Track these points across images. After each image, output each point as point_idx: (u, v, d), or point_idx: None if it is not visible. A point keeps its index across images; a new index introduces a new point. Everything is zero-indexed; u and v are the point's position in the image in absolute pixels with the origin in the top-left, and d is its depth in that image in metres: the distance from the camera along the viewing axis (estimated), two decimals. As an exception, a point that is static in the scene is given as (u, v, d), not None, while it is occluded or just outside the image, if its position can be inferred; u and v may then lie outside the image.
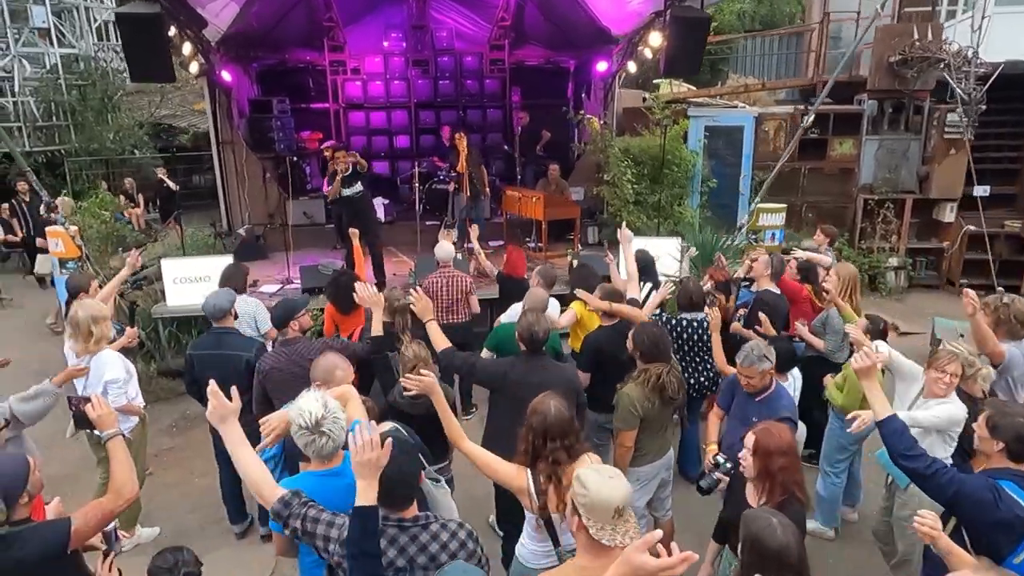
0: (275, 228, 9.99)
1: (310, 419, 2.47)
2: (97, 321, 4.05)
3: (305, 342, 4.02)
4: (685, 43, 7.34)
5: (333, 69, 11.48)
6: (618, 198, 9.18)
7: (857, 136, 10.42)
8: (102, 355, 4.13)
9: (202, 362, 4.19)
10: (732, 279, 5.98)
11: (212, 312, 4.19)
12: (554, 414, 2.65)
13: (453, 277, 5.85)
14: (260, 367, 3.90)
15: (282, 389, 3.88)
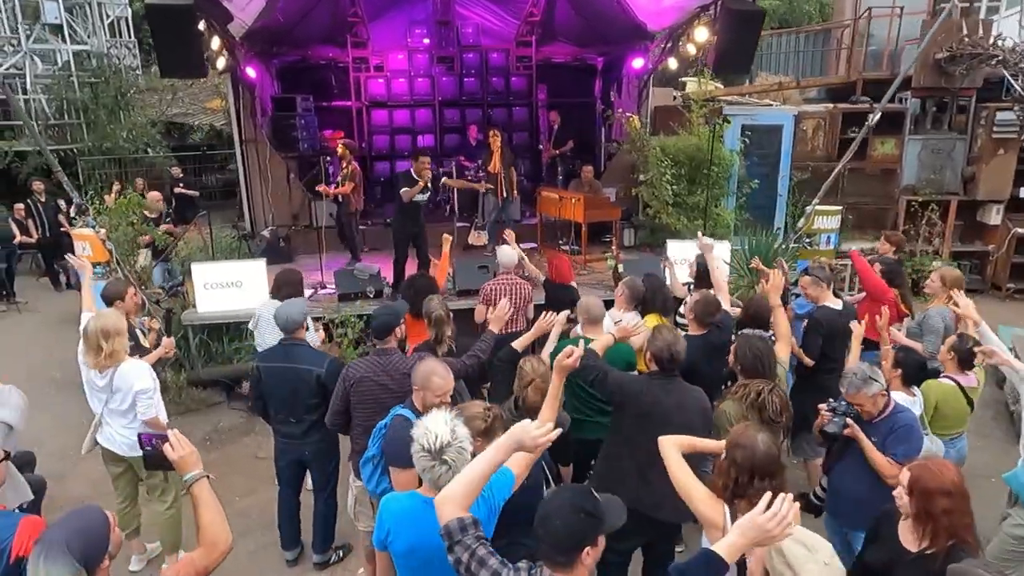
0: (299, 230, 9.70)
1: (435, 443, 2.19)
2: (108, 335, 3.72)
3: (400, 355, 3.71)
4: (738, 38, 7.05)
5: (356, 66, 11.15)
6: (657, 199, 8.86)
7: (899, 136, 10.09)
8: (125, 366, 3.80)
9: (271, 376, 3.89)
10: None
11: (285, 324, 3.88)
12: (763, 450, 2.34)
13: (516, 284, 5.55)
14: (348, 374, 3.59)
15: (367, 402, 3.60)
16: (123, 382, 3.80)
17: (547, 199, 8.74)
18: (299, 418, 3.91)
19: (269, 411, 4.02)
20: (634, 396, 3.26)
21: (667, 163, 8.77)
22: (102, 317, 3.77)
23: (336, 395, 3.61)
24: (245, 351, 6.71)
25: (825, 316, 4.57)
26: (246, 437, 6.15)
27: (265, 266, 6.86)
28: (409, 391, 3.73)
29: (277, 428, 4.03)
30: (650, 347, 3.33)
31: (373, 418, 3.52)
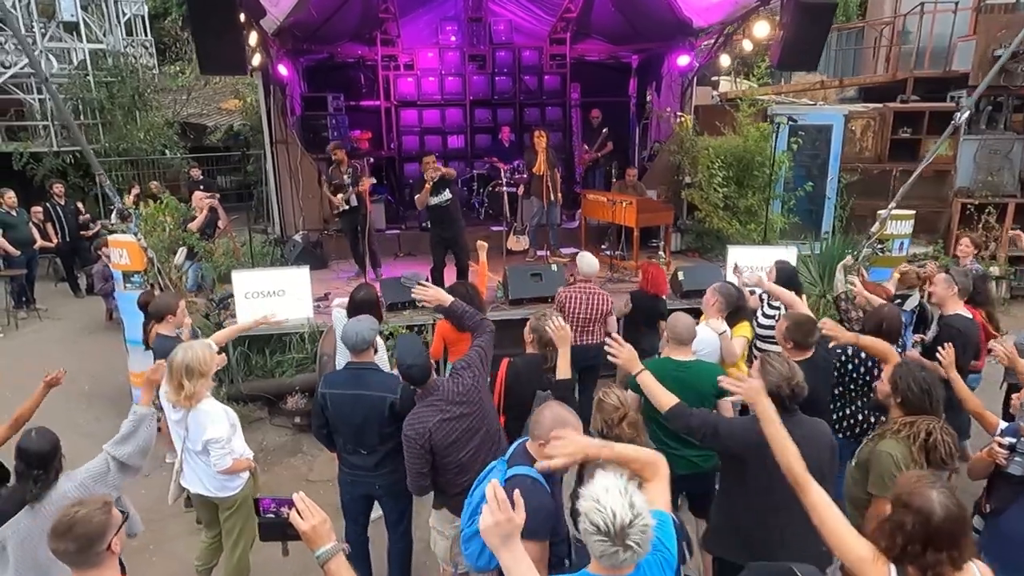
0: (330, 235, 9.32)
1: (613, 523, 1.78)
2: (192, 375, 3.38)
3: (446, 381, 3.30)
4: (806, 32, 6.66)
5: (384, 64, 10.78)
6: (707, 202, 8.47)
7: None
8: (201, 408, 3.46)
9: (337, 403, 3.49)
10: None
11: (355, 343, 3.48)
12: (942, 515, 1.92)
13: (594, 294, 5.19)
14: (418, 431, 3.15)
15: (452, 446, 3.20)
16: (196, 425, 3.45)
17: (593, 202, 8.35)
18: (370, 449, 3.52)
19: (336, 440, 3.63)
20: (755, 446, 2.78)
21: (718, 164, 8.39)
22: (191, 352, 3.39)
23: (413, 459, 3.18)
24: (288, 364, 6.34)
25: (958, 321, 4.20)
26: (294, 457, 5.76)
27: (309, 274, 6.50)
28: (488, 408, 3.38)
29: (345, 459, 3.64)
30: (767, 379, 2.93)
31: (462, 453, 3.20)
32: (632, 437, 3.01)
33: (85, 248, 10.06)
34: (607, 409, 3.10)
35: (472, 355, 3.40)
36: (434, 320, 6.50)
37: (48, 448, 2.78)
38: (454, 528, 3.36)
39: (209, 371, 3.46)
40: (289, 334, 6.39)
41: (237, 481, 3.68)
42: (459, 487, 3.26)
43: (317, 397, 3.54)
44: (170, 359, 3.43)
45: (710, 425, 2.98)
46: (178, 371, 3.38)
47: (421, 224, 9.81)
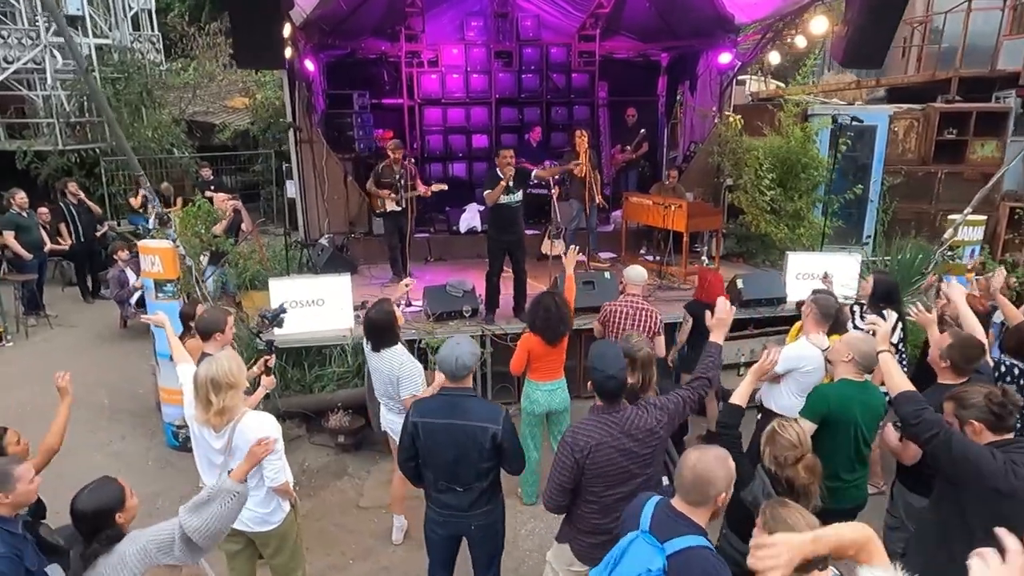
0: (358, 238, 8.91)
1: None
2: (219, 388, 2.95)
3: (633, 409, 2.93)
4: (874, 28, 6.29)
5: (408, 61, 10.34)
6: (755, 205, 8.12)
7: (1001, 137, 9.40)
8: (246, 421, 3.04)
9: (433, 435, 3.10)
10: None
11: (455, 370, 3.10)
12: None
13: (642, 309, 4.80)
14: (580, 442, 2.82)
15: (604, 478, 2.85)
16: (245, 440, 3.00)
17: (636, 205, 7.98)
18: (466, 486, 3.13)
19: (426, 476, 3.22)
20: (989, 475, 2.45)
21: (766, 166, 8.04)
22: (214, 364, 2.97)
23: (562, 469, 2.84)
24: (328, 379, 5.93)
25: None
26: (339, 480, 5.35)
27: (350, 282, 6.10)
28: (658, 459, 3.00)
29: (435, 498, 3.23)
30: (968, 412, 2.57)
31: (612, 491, 2.85)
32: (808, 483, 2.65)
33: (98, 251, 9.61)
34: (782, 445, 2.76)
35: (671, 399, 3.00)
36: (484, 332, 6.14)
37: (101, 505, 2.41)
38: (571, 572, 2.98)
39: (239, 383, 3.02)
40: (329, 346, 5.99)
41: (279, 513, 3.27)
42: (592, 527, 2.93)
43: (407, 426, 3.15)
44: (194, 376, 3.05)
45: (945, 432, 2.58)
46: (204, 387, 2.96)
47: (450, 227, 9.43)
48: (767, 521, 2.09)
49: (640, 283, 4.91)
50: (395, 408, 4.21)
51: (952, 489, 2.60)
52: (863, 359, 3.30)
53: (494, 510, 3.26)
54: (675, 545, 2.18)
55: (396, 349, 4.05)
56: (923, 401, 2.72)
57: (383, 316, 4.02)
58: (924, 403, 2.71)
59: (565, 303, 4.54)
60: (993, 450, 2.50)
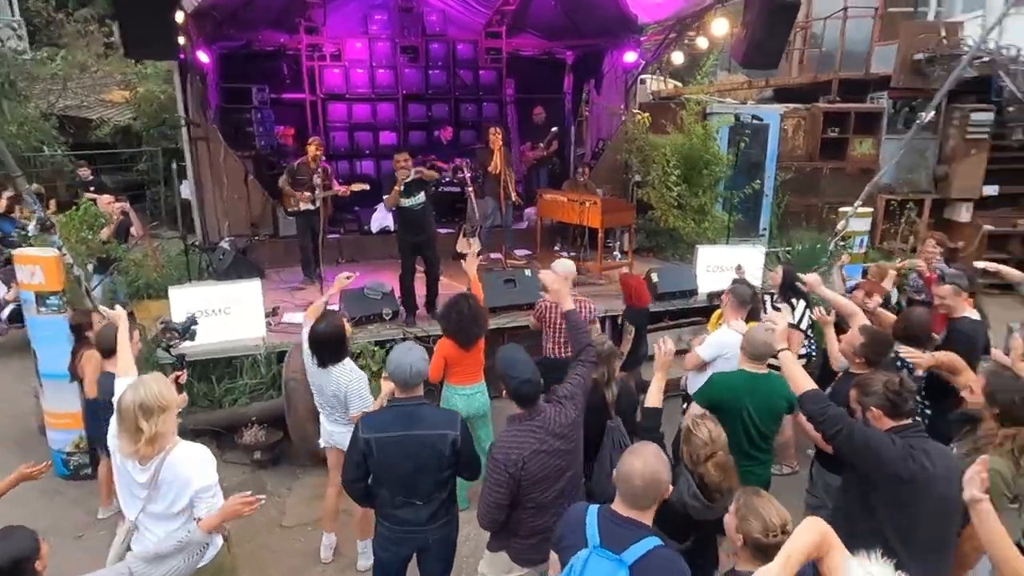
0: (262, 240, 8.44)
1: None
2: (150, 413, 2.63)
3: (551, 408, 2.89)
4: (770, 31, 6.65)
5: (309, 54, 9.91)
6: (664, 201, 8.38)
7: (876, 135, 10.21)
8: (178, 453, 2.72)
9: (388, 449, 2.92)
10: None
11: (409, 378, 2.95)
12: None
13: (576, 301, 4.81)
14: (511, 457, 2.73)
15: (541, 483, 2.80)
16: (175, 475, 2.69)
17: (551, 202, 8.03)
18: (426, 498, 2.99)
19: (380, 493, 3.03)
20: (889, 462, 2.59)
21: (673, 163, 8.31)
22: (141, 388, 2.65)
23: (496, 487, 2.76)
24: (240, 392, 5.56)
25: (966, 326, 4.18)
26: (258, 500, 5.01)
27: (261, 288, 5.75)
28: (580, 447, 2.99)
29: (390, 515, 3.05)
30: (868, 399, 2.72)
31: (547, 492, 2.82)
32: (719, 481, 2.70)
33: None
34: (695, 444, 2.79)
35: (575, 384, 3.00)
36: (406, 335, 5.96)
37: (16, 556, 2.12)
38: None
39: (171, 404, 2.73)
40: (239, 357, 5.61)
41: (211, 549, 2.96)
42: (529, 529, 2.88)
43: (357, 444, 2.94)
44: (118, 403, 2.71)
45: (847, 425, 2.69)
46: (131, 414, 2.63)
47: (362, 227, 9.13)
48: (740, 509, 2.13)
49: (570, 276, 4.93)
50: (342, 420, 3.98)
51: (857, 476, 2.73)
52: (753, 350, 3.42)
53: (451, 520, 3.15)
54: (635, 553, 2.17)
55: (345, 365, 3.84)
56: (825, 399, 2.84)
57: (333, 330, 3.77)
58: (826, 400, 2.83)
59: (479, 305, 4.46)
60: (893, 436, 2.64)
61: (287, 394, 5.08)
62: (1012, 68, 8.32)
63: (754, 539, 2.07)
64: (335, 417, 3.96)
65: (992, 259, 9.73)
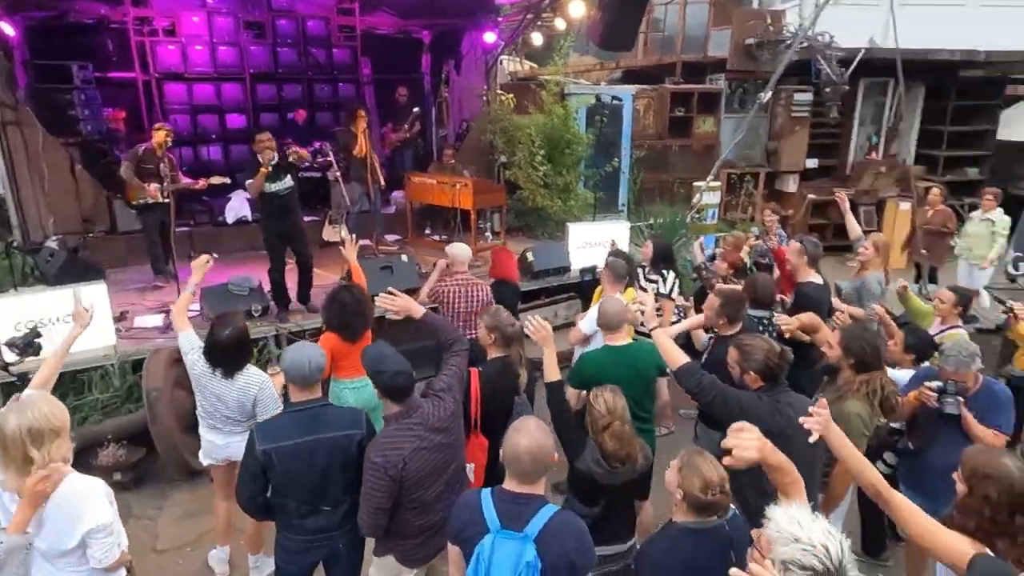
0: (97, 237, 7.56)
1: (830, 560, 1.59)
2: (40, 439, 2.31)
3: (428, 403, 2.82)
4: (624, 14, 6.93)
5: (137, 28, 8.92)
6: (531, 181, 8.53)
7: (716, 114, 11.03)
8: (66, 488, 2.39)
9: (290, 457, 2.71)
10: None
11: (309, 374, 2.76)
12: (1023, 479, 2.03)
13: (473, 284, 4.81)
14: (390, 460, 2.61)
15: (423, 481, 2.73)
16: (61, 513, 2.37)
17: (420, 185, 7.90)
18: (335, 503, 2.83)
19: (283, 504, 2.82)
20: (759, 418, 2.77)
21: (538, 143, 8.46)
22: (27, 410, 2.30)
23: (375, 491, 2.63)
24: (90, 408, 4.98)
25: (811, 289, 4.63)
26: (126, 524, 4.50)
27: (107, 292, 5.15)
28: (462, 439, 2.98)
29: (295, 525, 2.85)
30: (748, 364, 2.97)
31: (430, 490, 2.77)
32: (616, 449, 2.82)
33: None
34: (594, 415, 2.90)
35: (451, 375, 2.93)
36: (279, 331, 5.64)
37: None
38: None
39: (65, 427, 2.42)
40: (87, 370, 5.02)
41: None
42: (415, 530, 2.82)
43: (256, 455, 2.70)
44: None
45: (720, 392, 2.95)
46: (17, 441, 2.28)
47: (215, 218, 8.44)
48: (683, 467, 2.24)
49: (467, 260, 4.89)
50: (239, 430, 3.65)
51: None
52: (606, 321, 3.65)
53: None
54: (536, 526, 2.23)
55: (248, 369, 3.54)
56: (698, 370, 3.07)
57: (238, 333, 3.44)
58: (700, 372, 3.05)
59: (363, 296, 4.29)
60: (761, 395, 2.94)
61: (149, 406, 4.61)
62: (827, 53, 9.31)
63: (694, 496, 2.19)
64: (231, 429, 3.63)
65: (814, 224, 10.99)
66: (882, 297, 5.14)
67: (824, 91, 9.26)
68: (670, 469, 2.32)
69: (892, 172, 11.33)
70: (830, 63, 9.08)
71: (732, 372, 3.10)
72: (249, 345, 3.54)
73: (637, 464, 2.93)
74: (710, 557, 2.17)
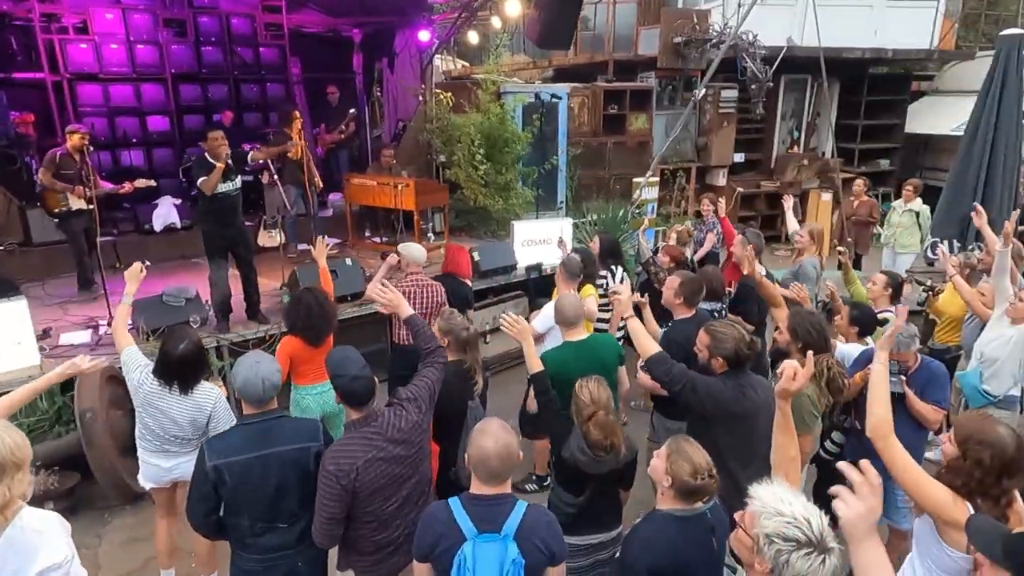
0: (10, 250, 7.04)
1: (812, 530, 1.66)
2: (2, 471, 2.13)
3: (389, 412, 2.75)
4: (562, 11, 7.00)
5: (44, 26, 8.36)
6: (472, 180, 8.48)
7: (648, 111, 11.27)
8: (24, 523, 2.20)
9: (242, 473, 2.58)
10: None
11: (263, 392, 2.63)
12: (1014, 446, 2.19)
13: (428, 285, 4.75)
14: (341, 468, 2.54)
15: (379, 493, 2.68)
16: (14, 551, 2.17)
17: (360, 186, 7.73)
18: (291, 519, 2.71)
19: (236, 523, 2.69)
20: (727, 403, 2.98)
21: (478, 142, 8.43)
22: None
23: (329, 500, 2.56)
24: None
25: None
26: (60, 557, 4.24)
27: (27, 307, 4.80)
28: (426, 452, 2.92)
29: (251, 544, 2.71)
30: (718, 350, 3.06)
31: (387, 504, 2.71)
32: (600, 439, 2.86)
33: None
34: (579, 405, 2.94)
35: (420, 386, 2.87)
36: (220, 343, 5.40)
37: None
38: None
39: (27, 460, 2.23)
40: (7, 392, 4.64)
41: None
42: (373, 545, 2.76)
43: (207, 472, 2.57)
44: None
45: (690, 380, 3.03)
46: None
47: (143, 226, 7.99)
48: (671, 454, 2.27)
49: (422, 260, 4.81)
50: (188, 449, 3.46)
51: (703, 421, 3.08)
52: (563, 318, 3.68)
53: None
54: (512, 523, 2.23)
55: (204, 385, 3.38)
56: (669, 360, 3.14)
57: (194, 348, 3.28)
58: (669, 361, 3.13)
59: (327, 299, 4.20)
60: (725, 380, 3.05)
61: (83, 428, 4.31)
62: (751, 51, 9.68)
63: (683, 481, 2.21)
64: (180, 449, 3.45)
65: (743, 216, 11.39)
66: (818, 281, 5.41)
67: (750, 88, 9.63)
68: (655, 457, 2.35)
69: (813, 164, 11.90)
70: (755, 61, 9.45)
71: (699, 355, 3.18)
72: (205, 358, 3.40)
73: (621, 454, 2.96)
74: (694, 544, 2.22)
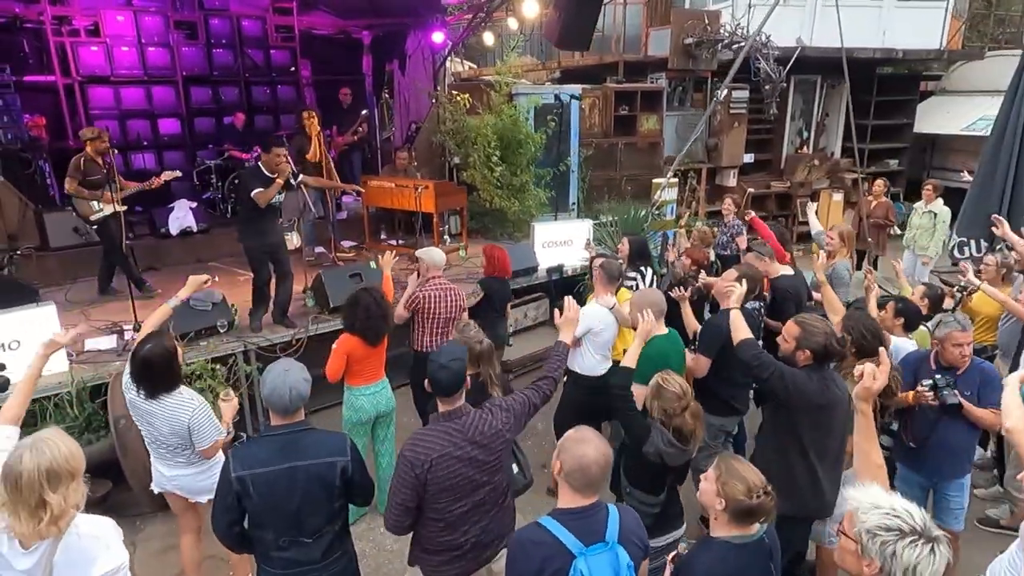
0: (27, 255, 6.96)
1: (914, 519, 1.68)
2: (58, 481, 2.12)
3: (476, 413, 2.71)
4: (580, 13, 6.97)
5: (55, 28, 8.30)
6: (488, 182, 8.44)
7: (658, 112, 11.25)
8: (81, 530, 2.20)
9: (267, 485, 2.51)
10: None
11: (290, 403, 2.56)
12: None
13: (450, 290, 4.72)
14: (419, 456, 2.53)
15: (449, 492, 2.64)
16: (73, 558, 2.16)
17: (378, 189, 7.67)
18: (316, 534, 2.63)
19: (260, 536, 2.62)
20: (812, 394, 2.99)
21: (494, 144, 8.39)
22: (47, 446, 2.09)
23: (402, 487, 2.56)
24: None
25: (791, 284, 4.78)
26: (96, 566, 4.18)
27: (56, 314, 4.74)
28: (505, 464, 2.87)
29: (274, 559, 2.64)
30: (808, 343, 3.04)
31: (458, 504, 2.67)
32: (694, 428, 2.89)
33: None
34: (668, 397, 2.93)
35: (517, 400, 2.82)
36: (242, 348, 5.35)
37: None
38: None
39: (81, 469, 2.23)
40: (39, 399, 4.59)
41: None
42: (438, 545, 2.72)
43: (230, 482, 2.50)
44: (8, 470, 2.10)
45: (778, 368, 3.04)
46: (33, 485, 2.07)
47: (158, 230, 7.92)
48: (721, 475, 2.21)
49: (442, 265, 4.77)
50: (185, 460, 3.41)
51: (785, 411, 3.09)
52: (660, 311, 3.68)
53: (346, 553, 2.81)
54: (613, 529, 2.18)
55: (182, 393, 3.29)
56: (759, 347, 3.20)
57: (161, 351, 3.17)
58: (759, 347, 3.19)
59: (385, 299, 4.20)
60: (810, 373, 3.04)
61: (117, 435, 4.28)
62: (764, 51, 9.67)
63: (738, 501, 2.14)
64: (173, 459, 3.40)
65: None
66: (850, 283, 5.39)
67: (763, 89, 9.61)
68: (704, 481, 2.27)
69: (823, 165, 11.90)
70: (768, 61, 9.43)
71: (783, 345, 3.18)
72: (175, 366, 3.24)
73: (699, 443, 3.02)
74: (756, 573, 2.18)
